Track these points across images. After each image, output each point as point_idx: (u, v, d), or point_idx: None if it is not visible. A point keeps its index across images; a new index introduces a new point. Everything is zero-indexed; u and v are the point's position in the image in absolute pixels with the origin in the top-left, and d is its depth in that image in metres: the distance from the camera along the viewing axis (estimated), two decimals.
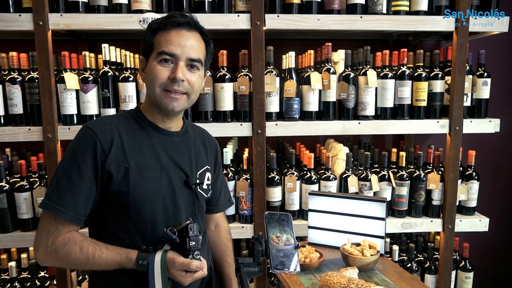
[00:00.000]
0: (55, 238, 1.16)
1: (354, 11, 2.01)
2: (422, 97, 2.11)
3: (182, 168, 1.30)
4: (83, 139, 1.19)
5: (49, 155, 1.92)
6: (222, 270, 1.50)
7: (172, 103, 1.22)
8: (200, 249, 1.17)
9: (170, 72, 1.21)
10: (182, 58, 1.21)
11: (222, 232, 1.56)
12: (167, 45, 1.20)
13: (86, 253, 1.16)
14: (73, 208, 1.16)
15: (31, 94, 1.92)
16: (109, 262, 1.17)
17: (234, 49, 2.15)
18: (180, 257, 1.16)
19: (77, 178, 1.16)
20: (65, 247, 1.16)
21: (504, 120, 2.26)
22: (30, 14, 1.82)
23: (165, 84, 1.21)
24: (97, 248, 1.17)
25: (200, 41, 1.26)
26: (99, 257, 1.16)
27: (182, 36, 1.21)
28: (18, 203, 1.97)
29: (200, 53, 1.25)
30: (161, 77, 1.20)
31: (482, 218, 2.23)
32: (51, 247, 1.16)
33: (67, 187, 1.16)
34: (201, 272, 1.17)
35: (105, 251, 1.17)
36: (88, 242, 1.18)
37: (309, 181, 2.09)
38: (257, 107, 1.98)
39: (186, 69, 1.22)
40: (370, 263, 1.60)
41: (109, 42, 2.00)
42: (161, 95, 1.22)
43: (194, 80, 1.24)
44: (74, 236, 1.18)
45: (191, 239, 1.14)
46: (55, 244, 1.16)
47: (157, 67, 1.21)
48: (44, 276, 2.16)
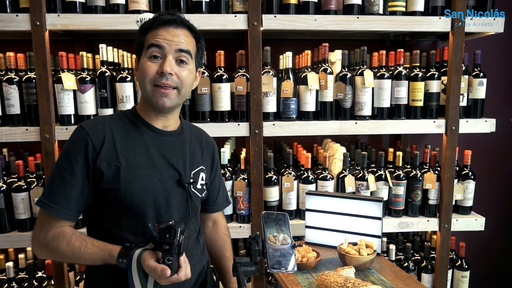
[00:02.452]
0: (47, 232, 1.21)
1: (351, 12, 2.01)
2: (419, 97, 2.12)
3: (175, 167, 1.30)
4: (76, 138, 1.23)
5: (46, 155, 1.92)
6: (221, 265, 1.51)
7: (163, 98, 1.23)
8: (177, 254, 1.11)
9: (159, 67, 1.22)
10: (170, 51, 1.22)
11: (220, 228, 1.58)
12: (155, 38, 1.22)
13: (73, 247, 1.19)
14: (64, 204, 1.20)
15: (29, 94, 1.92)
16: (94, 258, 1.19)
17: (232, 49, 2.16)
18: (151, 259, 1.12)
19: (69, 176, 1.20)
20: (54, 241, 1.20)
21: (500, 120, 2.27)
22: (27, 14, 1.82)
23: (154, 79, 1.22)
24: (84, 243, 1.20)
25: (189, 37, 1.27)
26: (84, 252, 1.18)
27: (170, 32, 1.23)
28: (16, 203, 1.97)
29: (189, 46, 1.26)
30: (150, 73, 1.22)
31: (478, 218, 2.25)
32: (43, 241, 1.21)
33: (60, 185, 1.20)
34: (175, 277, 1.11)
35: (90, 246, 1.19)
36: (76, 237, 1.21)
37: (306, 181, 2.10)
38: (254, 107, 1.99)
39: (175, 63, 1.24)
40: (367, 262, 1.61)
41: (107, 42, 2.00)
42: (152, 91, 1.23)
43: (184, 74, 1.25)
44: (64, 230, 1.22)
45: (165, 242, 1.11)
46: (47, 237, 1.21)
47: (146, 63, 1.23)
48: (41, 276, 2.15)
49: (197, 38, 1.30)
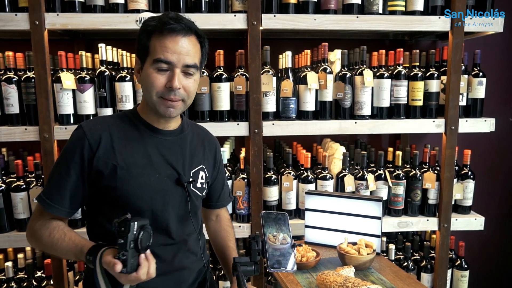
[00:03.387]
0: (37, 221, 1.25)
1: (351, 11, 2.01)
2: (418, 97, 2.12)
3: (173, 166, 1.30)
4: (74, 138, 1.25)
5: (45, 155, 1.91)
6: (225, 256, 1.50)
7: (169, 109, 1.24)
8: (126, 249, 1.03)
9: (167, 80, 1.21)
10: (178, 65, 1.20)
11: (223, 220, 1.59)
12: (163, 52, 1.19)
13: (52, 238, 1.21)
14: (57, 200, 1.23)
15: (28, 94, 1.91)
16: (67, 251, 1.20)
17: (231, 49, 2.15)
18: (109, 255, 1.07)
19: (65, 174, 1.22)
20: (40, 231, 1.23)
21: (499, 120, 2.27)
22: (26, 14, 1.82)
23: (161, 92, 1.21)
24: (63, 236, 1.21)
25: (195, 45, 1.25)
26: (61, 245, 1.20)
27: (177, 43, 1.20)
28: (15, 203, 1.96)
29: (196, 58, 1.24)
30: (157, 86, 1.21)
31: (477, 217, 2.25)
32: (32, 229, 1.26)
33: (56, 182, 1.23)
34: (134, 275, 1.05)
35: (67, 240, 1.20)
36: (58, 229, 1.22)
37: (306, 181, 2.10)
38: (254, 106, 1.99)
39: (182, 76, 1.22)
40: (367, 262, 1.61)
41: (106, 41, 2.00)
42: (158, 103, 1.23)
43: (190, 86, 1.25)
44: (50, 222, 1.24)
45: (120, 236, 1.03)
46: (35, 226, 1.25)
47: (153, 74, 1.21)
48: (40, 276, 2.15)
49: (202, 43, 1.28)
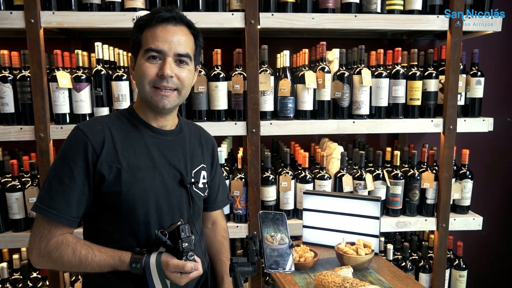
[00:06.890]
0: (48, 240, 1.16)
1: (349, 10, 2.00)
2: (416, 96, 2.11)
3: (176, 167, 1.28)
4: (74, 140, 1.19)
5: (41, 154, 1.90)
6: (216, 269, 1.49)
7: (163, 100, 1.21)
8: (193, 250, 1.16)
9: (158, 68, 1.19)
10: (170, 53, 1.19)
11: (218, 230, 1.55)
12: (154, 41, 1.18)
13: (79, 255, 1.15)
14: (65, 210, 1.15)
15: (23, 93, 1.90)
16: (102, 265, 1.16)
17: (229, 48, 2.14)
18: (174, 259, 1.15)
19: (69, 180, 1.15)
20: (58, 250, 1.15)
21: (498, 119, 2.27)
22: (21, 12, 1.80)
23: (154, 81, 1.20)
24: (90, 250, 1.16)
25: (187, 35, 1.24)
26: (92, 260, 1.15)
27: (169, 31, 1.19)
28: (10, 203, 1.94)
29: (188, 48, 1.23)
30: (149, 74, 1.19)
31: (475, 217, 2.24)
32: (44, 250, 1.16)
33: (59, 189, 1.15)
34: (197, 272, 1.17)
35: (97, 253, 1.16)
36: (81, 245, 1.17)
37: (303, 180, 2.09)
38: (251, 106, 1.98)
39: (175, 65, 1.21)
40: (365, 262, 1.60)
41: (102, 40, 1.98)
42: (151, 93, 1.21)
43: (183, 75, 1.22)
44: (67, 239, 1.17)
45: (183, 241, 1.13)
46: (48, 247, 1.15)
47: (145, 64, 1.20)
48: (36, 277, 2.14)
49: (195, 35, 1.27)
